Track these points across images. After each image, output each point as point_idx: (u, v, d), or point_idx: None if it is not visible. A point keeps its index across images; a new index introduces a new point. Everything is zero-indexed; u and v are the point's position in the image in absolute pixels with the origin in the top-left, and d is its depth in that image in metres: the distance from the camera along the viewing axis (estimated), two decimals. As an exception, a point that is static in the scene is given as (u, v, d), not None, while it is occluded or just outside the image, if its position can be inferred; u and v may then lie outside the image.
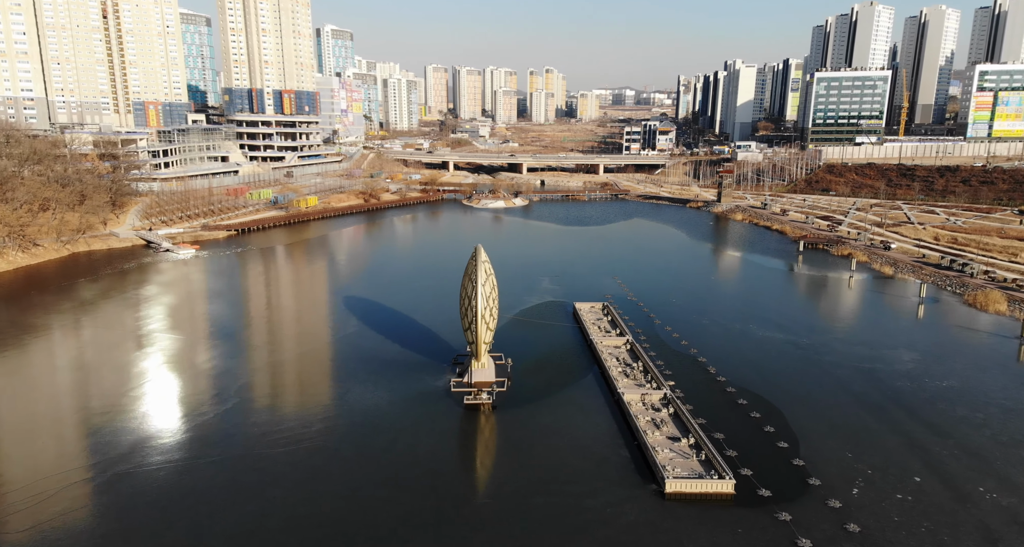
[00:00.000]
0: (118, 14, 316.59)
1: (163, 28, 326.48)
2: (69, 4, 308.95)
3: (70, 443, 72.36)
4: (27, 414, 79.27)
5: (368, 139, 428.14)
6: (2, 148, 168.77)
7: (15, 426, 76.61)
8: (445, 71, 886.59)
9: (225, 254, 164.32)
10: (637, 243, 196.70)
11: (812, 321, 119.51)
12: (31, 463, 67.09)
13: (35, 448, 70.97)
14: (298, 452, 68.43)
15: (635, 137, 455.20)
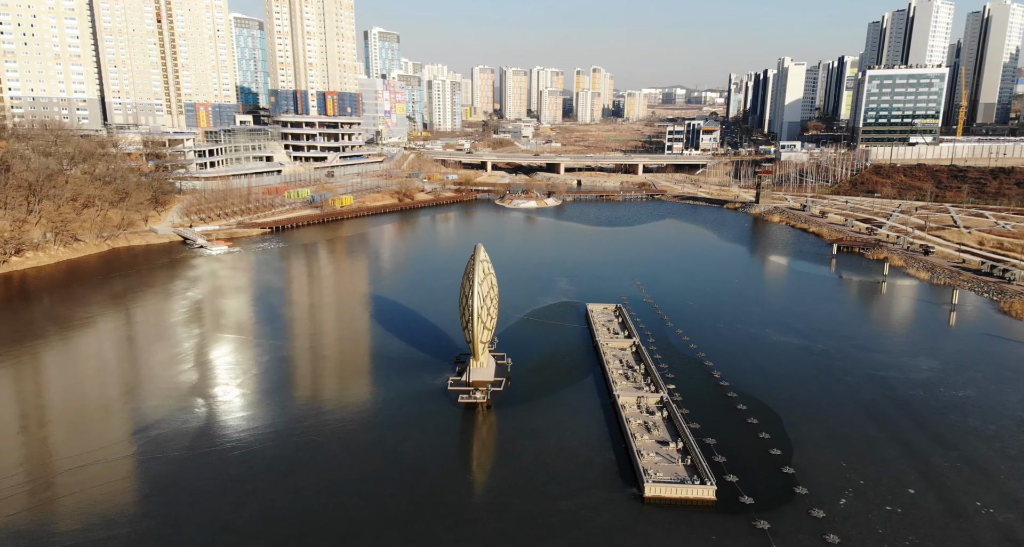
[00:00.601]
0: (171, 18, 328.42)
1: (214, 31, 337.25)
2: (126, 9, 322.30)
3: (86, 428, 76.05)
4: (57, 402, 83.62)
5: (411, 140, 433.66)
6: (50, 147, 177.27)
7: (63, 411, 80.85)
8: (491, 72, 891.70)
9: (255, 251, 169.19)
10: (664, 244, 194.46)
11: (832, 326, 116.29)
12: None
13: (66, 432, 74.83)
14: (286, 446, 70.33)
15: (678, 136, 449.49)
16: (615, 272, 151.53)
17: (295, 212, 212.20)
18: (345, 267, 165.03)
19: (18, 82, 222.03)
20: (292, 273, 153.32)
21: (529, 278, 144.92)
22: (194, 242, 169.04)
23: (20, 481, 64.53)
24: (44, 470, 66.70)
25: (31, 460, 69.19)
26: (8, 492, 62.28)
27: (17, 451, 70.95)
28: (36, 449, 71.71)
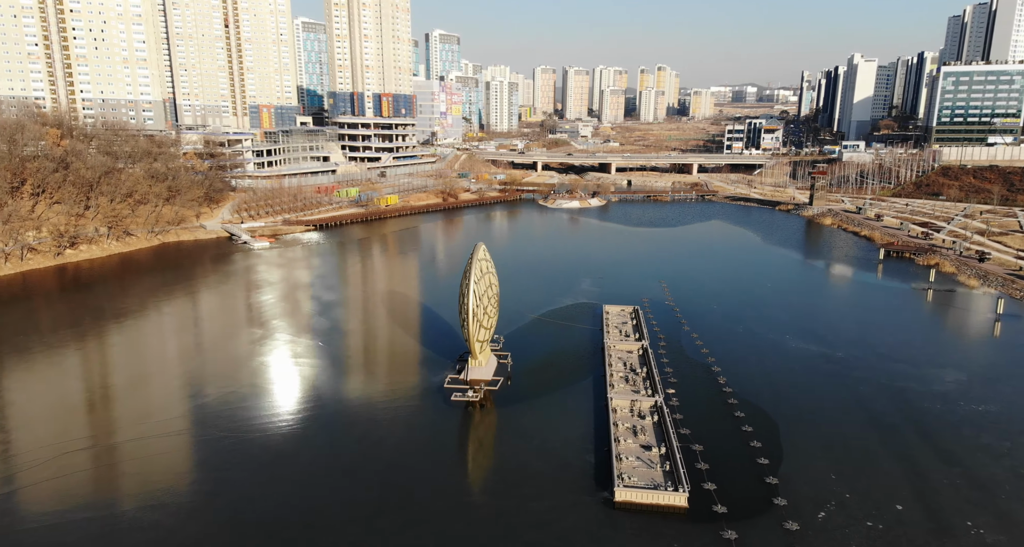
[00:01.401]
0: (238, 23, 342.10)
1: (277, 35, 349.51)
2: (196, 15, 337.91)
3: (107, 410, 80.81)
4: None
5: (466, 140, 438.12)
6: (110, 146, 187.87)
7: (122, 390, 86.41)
8: (553, 72, 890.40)
9: (294, 247, 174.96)
10: (701, 246, 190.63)
11: (858, 334, 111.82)
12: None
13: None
14: (274, 438, 72.90)
15: (737, 136, 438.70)
16: (643, 273, 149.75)
17: (340, 210, 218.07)
18: (374, 264, 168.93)
19: (89, 85, 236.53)
20: (321, 269, 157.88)
21: (552, 278, 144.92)
22: (238, 238, 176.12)
23: (85, 445, 70.18)
24: (108, 439, 71.57)
25: (96, 429, 74.67)
26: (74, 455, 67.75)
27: (83, 422, 75.93)
28: (101, 420, 76.45)
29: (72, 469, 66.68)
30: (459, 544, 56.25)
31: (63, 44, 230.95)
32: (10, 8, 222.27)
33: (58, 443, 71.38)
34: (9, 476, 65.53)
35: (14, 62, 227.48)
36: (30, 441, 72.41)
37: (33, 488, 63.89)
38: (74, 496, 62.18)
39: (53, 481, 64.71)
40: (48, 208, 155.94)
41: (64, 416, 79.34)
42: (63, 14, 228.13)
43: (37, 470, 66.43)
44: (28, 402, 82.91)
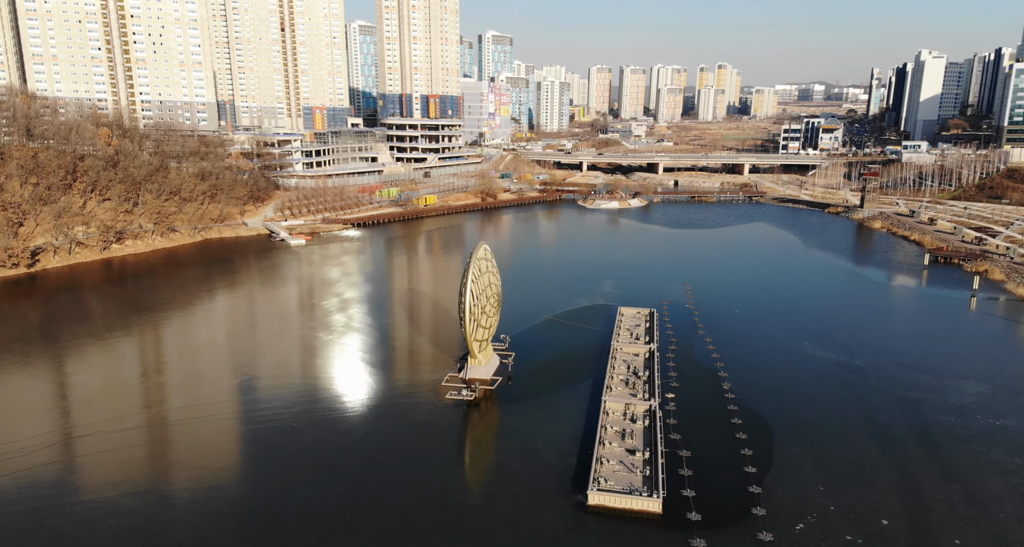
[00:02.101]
0: (293, 27, 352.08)
1: (330, 39, 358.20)
2: (254, 20, 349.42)
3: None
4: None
5: (514, 141, 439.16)
6: (160, 146, 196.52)
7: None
8: (609, 71, 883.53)
9: (328, 245, 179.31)
10: (737, 249, 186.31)
11: (883, 342, 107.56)
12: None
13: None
14: (265, 430, 75.13)
15: (794, 135, 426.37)
16: (669, 276, 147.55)
17: (379, 210, 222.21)
18: (399, 262, 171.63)
19: (148, 87, 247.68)
20: (348, 266, 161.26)
21: (573, 279, 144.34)
22: (277, 235, 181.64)
23: (139, 422, 75.00)
24: (160, 417, 75.91)
25: (149, 406, 79.46)
26: (131, 429, 72.82)
27: (136, 399, 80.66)
28: (153, 400, 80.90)
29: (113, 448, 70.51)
30: (419, 541, 56.88)
31: (124, 48, 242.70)
32: (75, 14, 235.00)
33: (109, 420, 75.58)
34: (65, 451, 69.65)
35: (79, 65, 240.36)
36: (86, 418, 77.14)
37: (87, 464, 68.19)
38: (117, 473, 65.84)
39: (106, 455, 68.95)
40: (98, 205, 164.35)
41: (109, 399, 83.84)
42: (124, 19, 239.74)
43: (94, 446, 71.01)
44: (85, 384, 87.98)
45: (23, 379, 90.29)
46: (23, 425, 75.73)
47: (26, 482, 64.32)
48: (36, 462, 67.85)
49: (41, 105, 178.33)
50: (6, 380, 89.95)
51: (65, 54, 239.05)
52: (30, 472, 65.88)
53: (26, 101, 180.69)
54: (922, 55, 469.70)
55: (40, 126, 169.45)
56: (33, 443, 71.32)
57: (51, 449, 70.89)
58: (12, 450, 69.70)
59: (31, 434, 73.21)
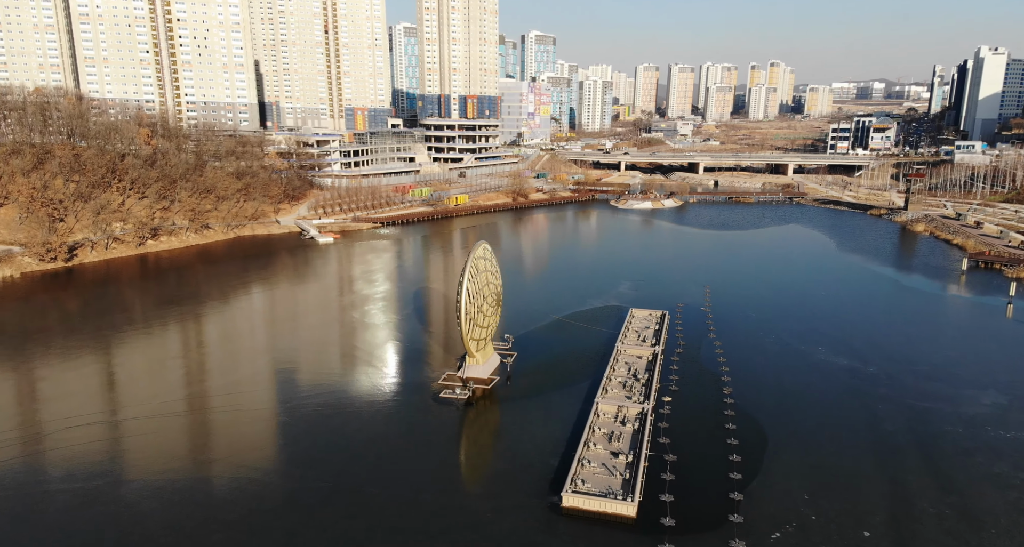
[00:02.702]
0: (337, 29, 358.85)
1: (372, 41, 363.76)
2: (299, 23, 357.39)
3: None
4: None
5: (554, 141, 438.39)
6: (198, 145, 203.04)
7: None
8: (656, 70, 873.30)
9: (355, 243, 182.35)
10: (766, 251, 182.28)
11: (902, 349, 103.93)
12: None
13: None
14: (257, 422, 77.14)
15: (843, 135, 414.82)
16: (691, 277, 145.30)
17: (410, 209, 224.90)
18: (420, 260, 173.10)
19: (192, 88, 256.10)
20: (370, 264, 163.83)
21: (591, 280, 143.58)
22: (307, 233, 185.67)
23: (180, 397, 78.61)
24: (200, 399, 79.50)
25: (191, 385, 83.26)
26: (173, 407, 77.36)
27: (177, 383, 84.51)
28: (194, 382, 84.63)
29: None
30: (389, 539, 57.41)
31: (171, 51, 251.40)
32: (125, 18, 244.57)
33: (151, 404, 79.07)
34: (113, 430, 73.30)
35: (128, 68, 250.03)
36: (131, 401, 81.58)
37: (130, 445, 72.11)
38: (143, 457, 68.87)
39: (145, 439, 72.78)
40: (137, 202, 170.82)
41: (139, 386, 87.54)
42: (171, 23, 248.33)
43: (138, 428, 75.38)
44: (128, 370, 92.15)
45: (63, 366, 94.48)
46: (64, 408, 79.46)
47: (73, 461, 67.78)
48: (82, 439, 71.17)
49: (86, 106, 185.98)
50: (50, 367, 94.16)
51: (115, 57, 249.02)
52: (72, 451, 69.16)
53: (71, 102, 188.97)
54: (981, 51, 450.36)
55: (83, 126, 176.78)
56: (69, 424, 74.85)
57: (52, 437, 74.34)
58: (53, 431, 73.29)
59: (68, 416, 76.80)
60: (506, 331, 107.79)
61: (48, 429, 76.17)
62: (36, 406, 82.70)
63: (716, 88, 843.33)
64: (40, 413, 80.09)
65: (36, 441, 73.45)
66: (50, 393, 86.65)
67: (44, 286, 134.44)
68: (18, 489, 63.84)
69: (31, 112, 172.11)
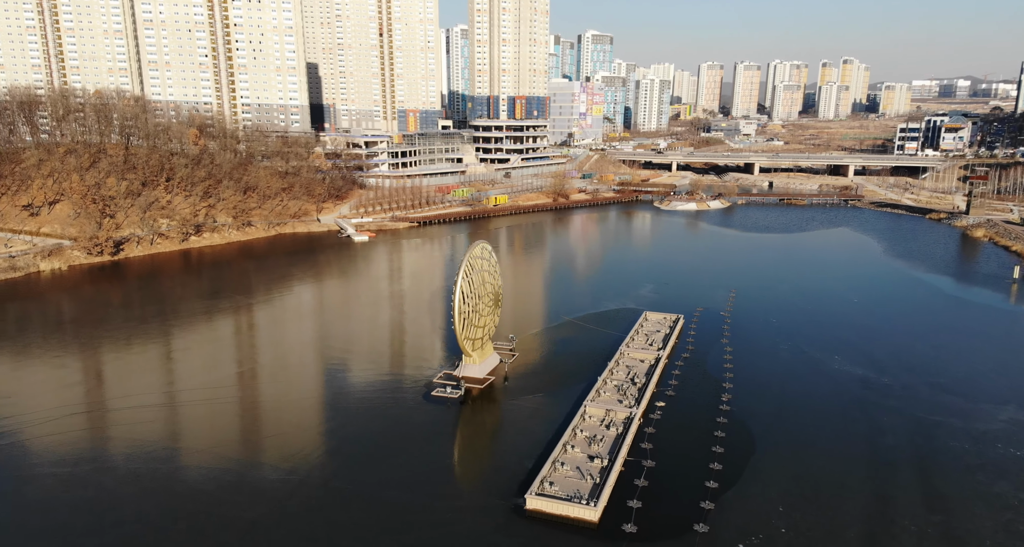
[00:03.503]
0: (391, 33, 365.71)
1: (425, 43, 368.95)
2: (356, 26, 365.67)
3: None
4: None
5: (606, 141, 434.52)
6: (243, 145, 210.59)
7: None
8: (720, 68, 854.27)
9: (389, 241, 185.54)
10: (806, 254, 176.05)
11: (925, 360, 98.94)
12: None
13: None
14: (245, 419, 79.51)
15: (911, 135, 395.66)
16: (719, 281, 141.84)
17: (448, 209, 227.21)
18: (444, 259, 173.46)
19: (248, 91, 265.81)
20: (397, 262, 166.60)
21: (613, 282, 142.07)
22: (344, 231, 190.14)
23: (232, 378, 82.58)
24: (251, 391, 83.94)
25: (241, 365, 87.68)
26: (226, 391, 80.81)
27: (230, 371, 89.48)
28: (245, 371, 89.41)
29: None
30: (346, 533, 58.23)
31: (227, 55, 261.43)
32: (186, 24, 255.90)
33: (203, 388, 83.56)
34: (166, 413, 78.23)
35: (188, 71, 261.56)
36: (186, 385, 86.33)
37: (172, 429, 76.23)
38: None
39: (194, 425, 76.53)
40: (184, 199, 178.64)
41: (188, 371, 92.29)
42: (228, 28, 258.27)
43: (184, 413, 79.89)
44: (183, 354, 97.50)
45: (113, 352, 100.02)
46: (113, 390, 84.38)
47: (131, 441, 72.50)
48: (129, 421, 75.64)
49: (139, 107, 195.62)
50: (107, 352, 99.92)
51: (177, 61, 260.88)
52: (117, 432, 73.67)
53: (127, 103, 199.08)
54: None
55: (135, 127, 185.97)
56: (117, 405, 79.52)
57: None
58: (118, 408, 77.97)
59: (123, 396, 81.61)
60: (515, 331, 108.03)
61: (111, 406, 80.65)
62: (78, 389, 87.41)
63: (783, 86, 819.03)
64: (92, 394, 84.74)
65: (89, 420, 77.75)
66: (103, 376, 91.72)
67: (90, 278, 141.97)
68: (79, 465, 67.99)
69: (89, 113, 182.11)
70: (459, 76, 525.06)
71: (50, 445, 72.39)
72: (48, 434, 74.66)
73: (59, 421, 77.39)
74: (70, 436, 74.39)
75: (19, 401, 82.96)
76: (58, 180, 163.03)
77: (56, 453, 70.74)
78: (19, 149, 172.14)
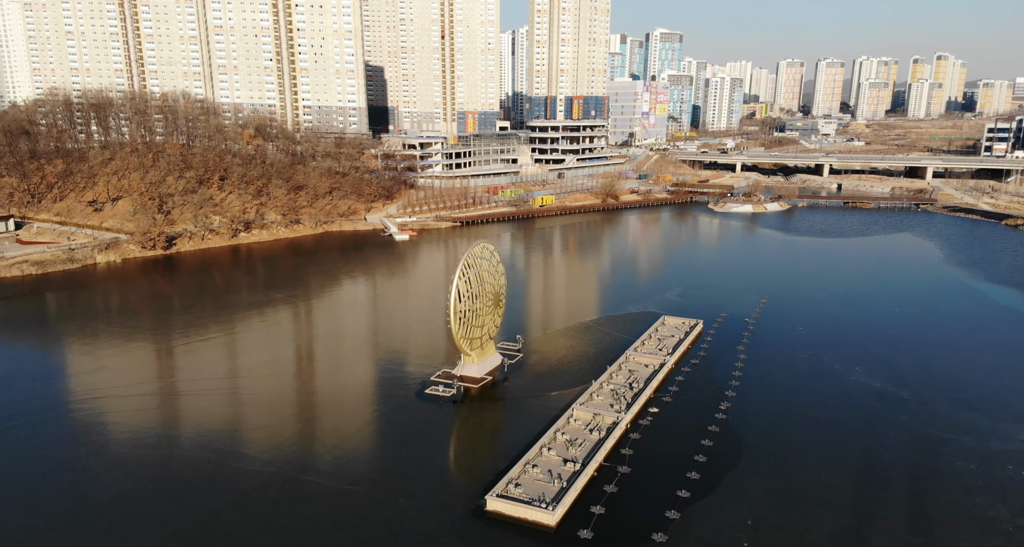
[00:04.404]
0: (453, 35, 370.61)
1: (485, 45, 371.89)
2: (419, 29, 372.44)
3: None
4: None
5: (670, 140, 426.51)
6: (304, 146, 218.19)
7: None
8: (801, 65, 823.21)
9: (429, 241, 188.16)
10: (854, 260, 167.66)
11: (954, 374, 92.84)
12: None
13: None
14: (244, 407, 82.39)
15: (1001, 135, 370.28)
16: (753, 286, 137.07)
17: (492, 209, 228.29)
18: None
19: (309, 93, 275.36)
20: (429, 260, 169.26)
21: (639, 284, 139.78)
22: (387, 230, 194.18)
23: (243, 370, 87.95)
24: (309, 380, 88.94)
25: (251, 358, 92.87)
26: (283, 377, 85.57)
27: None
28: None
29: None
30: (301, 527, 59.13)
31: (291, 59, 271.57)
32: (252, 30, 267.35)
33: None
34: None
35: (254, 75, 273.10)
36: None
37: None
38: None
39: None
40: (237, 197, 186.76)
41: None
42: (292, 33, 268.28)
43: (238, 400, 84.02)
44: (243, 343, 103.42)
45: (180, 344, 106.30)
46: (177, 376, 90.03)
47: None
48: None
49: (197, 109, 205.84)
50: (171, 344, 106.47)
51: (244, 65, 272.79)
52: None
53: (189, 105, 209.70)
54: None
55: (195, 127, 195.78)
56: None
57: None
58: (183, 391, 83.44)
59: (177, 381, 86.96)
60: (529, 332, 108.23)
61: (167, 390, 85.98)
62: (111, 377, 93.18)
63: (869, 84, 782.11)
64: (133, 380, 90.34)
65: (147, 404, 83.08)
66: (153, 364, 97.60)
67: (142, 270, 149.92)
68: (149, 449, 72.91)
69: (151, 115, 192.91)
70: (523, 78, 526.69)
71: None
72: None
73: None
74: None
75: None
76: (122, 178, 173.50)
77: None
78: (88, 148, 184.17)
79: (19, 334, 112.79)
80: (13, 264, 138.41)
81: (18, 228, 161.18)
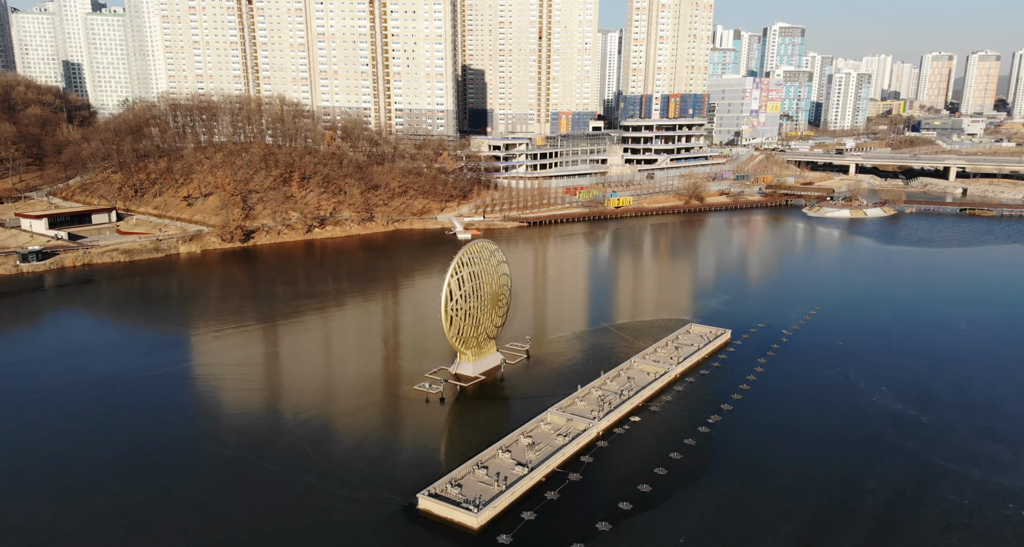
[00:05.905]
0: (550, 36, 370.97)
1: (582, 45, 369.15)
2: (518, 32, 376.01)
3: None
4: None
5: (784, 140, 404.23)
6: (384, 148, 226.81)
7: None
8: (949, 59, 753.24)
9: (492, 240, 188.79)
10: (942, 272, 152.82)
11: (989, 402, 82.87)
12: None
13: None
14: (243, 399, 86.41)
15: None
16: (809, 296, 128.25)
17: (564, 210, 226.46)
18: (529, 260, 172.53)
19: (401, 96, 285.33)
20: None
21: (683, 290, 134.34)
22: (452, 229, 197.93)
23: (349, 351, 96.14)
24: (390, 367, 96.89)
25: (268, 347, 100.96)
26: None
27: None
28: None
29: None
30: (239, 510, 61.68)
31: (384, 64, 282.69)
32: (351, 36, 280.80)
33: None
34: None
35: (352, 79, 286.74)
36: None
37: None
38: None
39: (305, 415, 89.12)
40: (318, 196, 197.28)
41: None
42: (387, 38, 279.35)
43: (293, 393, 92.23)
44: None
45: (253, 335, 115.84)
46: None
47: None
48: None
49: (288, 112, 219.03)
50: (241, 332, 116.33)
51: (343, 70, 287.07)
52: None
53: (280, 107, 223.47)
54: None
55: (282, 128, 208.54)
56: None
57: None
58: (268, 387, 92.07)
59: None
60: (548, 334, 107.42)
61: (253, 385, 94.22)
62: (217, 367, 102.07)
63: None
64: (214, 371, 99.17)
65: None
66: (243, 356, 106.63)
67: (220, 260, 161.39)
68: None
69: (242, 117, 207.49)
70: (594, 78, 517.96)
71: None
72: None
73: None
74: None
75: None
76: (215, 175, 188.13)
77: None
78: (187, 148, 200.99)
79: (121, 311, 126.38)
80: (104, 251, 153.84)
81: (119, 220, 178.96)
